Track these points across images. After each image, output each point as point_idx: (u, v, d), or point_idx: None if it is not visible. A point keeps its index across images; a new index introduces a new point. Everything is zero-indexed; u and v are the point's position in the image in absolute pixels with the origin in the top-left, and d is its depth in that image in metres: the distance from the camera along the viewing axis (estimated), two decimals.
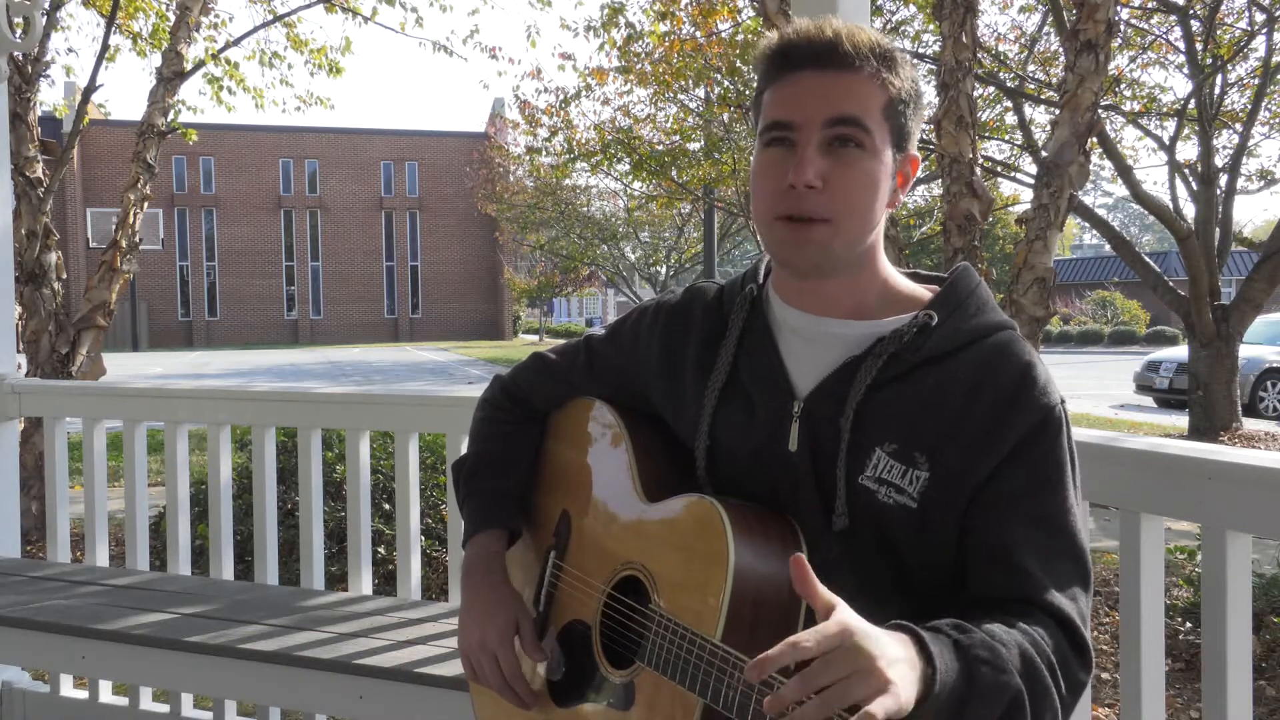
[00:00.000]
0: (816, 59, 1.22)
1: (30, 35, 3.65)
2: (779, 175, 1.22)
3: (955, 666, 1.02)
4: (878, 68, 1.22)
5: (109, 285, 6.19)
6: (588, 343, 1.55)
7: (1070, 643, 1.14)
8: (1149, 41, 12.08)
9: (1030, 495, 1.18)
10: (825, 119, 1.20)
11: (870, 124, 1.21)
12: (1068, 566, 1.17)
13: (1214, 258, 11.31)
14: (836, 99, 1.21)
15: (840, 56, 1.21)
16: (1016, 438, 1.19)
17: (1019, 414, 1.19)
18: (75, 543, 4.73)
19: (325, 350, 36.39)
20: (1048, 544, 1.17)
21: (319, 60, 8.18)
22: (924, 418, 1.20)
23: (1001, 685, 1.04)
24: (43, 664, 3.01)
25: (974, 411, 1.20)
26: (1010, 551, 1.16)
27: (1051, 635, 1.13)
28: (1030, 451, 1.19)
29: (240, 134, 41.92)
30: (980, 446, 1.19)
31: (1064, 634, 1.14)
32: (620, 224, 28.83)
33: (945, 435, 1.20)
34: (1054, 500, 1.19)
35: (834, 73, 1.21)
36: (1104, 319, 36.08)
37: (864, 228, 1.24)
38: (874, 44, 1.23)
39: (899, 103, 1.23)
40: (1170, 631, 4.14)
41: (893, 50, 1.24)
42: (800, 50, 1.23)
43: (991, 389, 1.20)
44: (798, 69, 1.23)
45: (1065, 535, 1.18)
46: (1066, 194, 3.88)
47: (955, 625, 1.07)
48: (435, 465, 4.64)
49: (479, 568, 1.51)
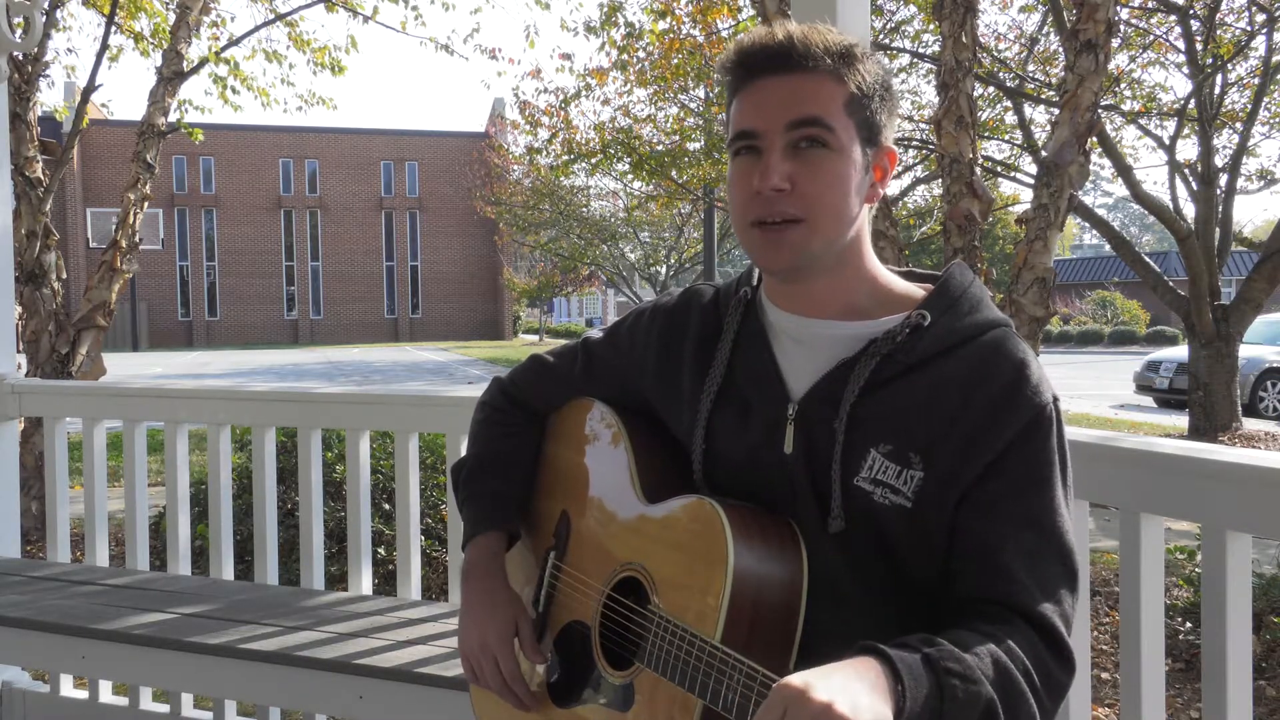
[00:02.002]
0: (772, 64, 1.23)
1: (30, 35, 3.65)
2: (748, 183, 1.23)
3: (926, 680, 1.03)
4: (835, 65, 1.22)
5: (109, 285, 6.19)
6: (585, 344, 1.55)
7: (1050, 647, 1.14)
8: (1149, 41, 12.08)
9: (1020, 494, 1.19)
10: (786, 122, 1.21)
11: (832, 122, 1.21)
12: (1055, 569, 1.18)
13: (1214, 258, 11.31)
14: (796, 102, 1.21)
15: (795, 59, 1.22)
16: (1009, 436, 1.19)
17: (1012, 413, 1.19)
18: (75, 543, 4.73)
19: (325, 350, 36.39)
20: (1035, 545, 1.17)
21: (321, 59, 8.17)
22: (918, 418, 1.21)
23: (973, 695, 1.05)
24: (43, 664, 3.01)
25: (968, 411, 1.20)
26: (997, 551, 1.17)
27: (1030, 641, 1.14)
28: (1021, 450, 1.19)
29: (240, 134, 41.89)
30: (973, 445, 1.19)
31: (1044, 639, 1.15)
32: (620, 224, 28.82)
33: (939, 435, 1.20)
34: (1043, 499, 1.19)
35: (791, 76, 1.22)
36: (1104, 319, 36.08)
37: (839, 225, 1.24)
38: (828, 43, 1.23)
39: (862, 97, 1.24)
40: (1170, 631, 4.14)
41: (851, 47, 1.24)
42: (755, 57, 1.24)
43: (984, 388, 1.21)
44: (756, 76, 1.24)
45: (1054, 536, 1.18)
46: (1066, 194, 3.88)
47: (924, 639, 1.09)
48: (435, 465, 4.64)
49: (479, 569, 1.51)
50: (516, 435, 1.60)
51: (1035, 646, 1.13)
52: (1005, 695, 1.08)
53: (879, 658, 1.04)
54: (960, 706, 1.04)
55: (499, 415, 1.62)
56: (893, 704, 1.00)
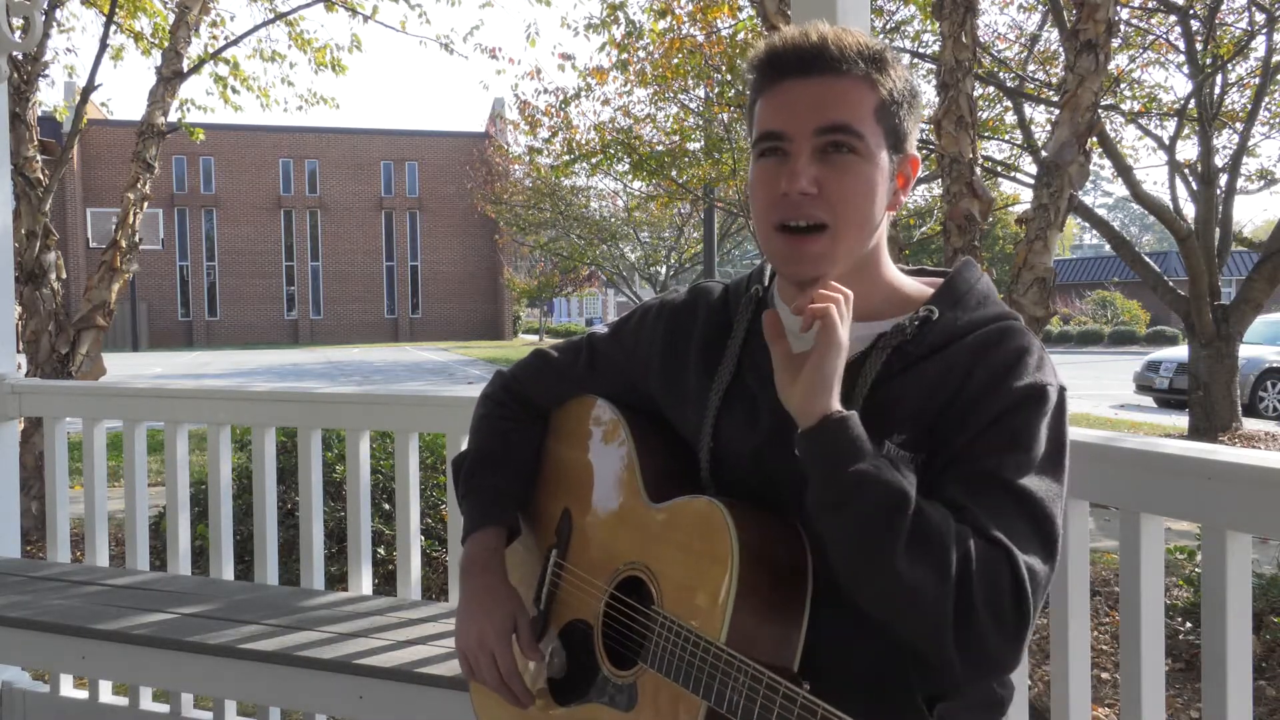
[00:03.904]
0: (804, 65, 1.21)
1: (30, 35, 3.65)
2: (774, 185, 1.22)
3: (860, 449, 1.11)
4: (866, 70, 1.21)
5: (109, 285, 6.18)
6: (590, 341, 1.55)
7: (1010, 575, 1.09)
8: (1149, 41, 12.07)
9: (999, 459, 1.15)
10: (816, 127, 1.20)
11: (862, 129, 1.20)
12: (1021, 526, 1.13)
13: (1214, 258, 11.30)
14: (826, 106, 1.20)
15: (827, 61, 1.20)
16: (1001, 406, 1.17)
17: (1006, 385, 1.18)
18: (75, 543, 4.73)
19: (325, 350, 36.37)
20: (1003, 504, 1.13)
21: (321, 59, 8.17)
22: (928, 403, 1.20)
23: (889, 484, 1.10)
24: (43, 664, 3.01)
25: (967, 387, 1.20)
26: (963, 509, 1.13)
27: (990, 556, 1.09)
28: (1010, 420, 1.17)
29: (240, 134, 41.89)
30: (967, 414, 1.18)
31: (1006, 564, 1.09)
32: (620, 224, 28.80)
33: (940, 413, 1.20)
34: (1023, 467, 1.15)
35: (822, 78, 1.21)
36: (1104, 319, 36.06)
37: (863, 233, 1.24)
38: (861, 46, 1.22)
39: (891, 104, 1.23)
40: (1170, 631, 4.14)
41: (882, 51, 1.23)
42: (787, 58, 1.23)
43: (985, 364, 1.20)
44: (786, 76, 1.23)
45: (1026, 501, 1.14)
46: (1066, 194, 3.88)
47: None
48: (435, 465, 4.64)
49: (477, 565, 1.51)
50: (518, 430, 1.60)
51: (992, 560, 1.09)
52: (919, 525, 1.08)
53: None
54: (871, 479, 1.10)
55: (501, 410, 1.62)
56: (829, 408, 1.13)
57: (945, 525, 1.09)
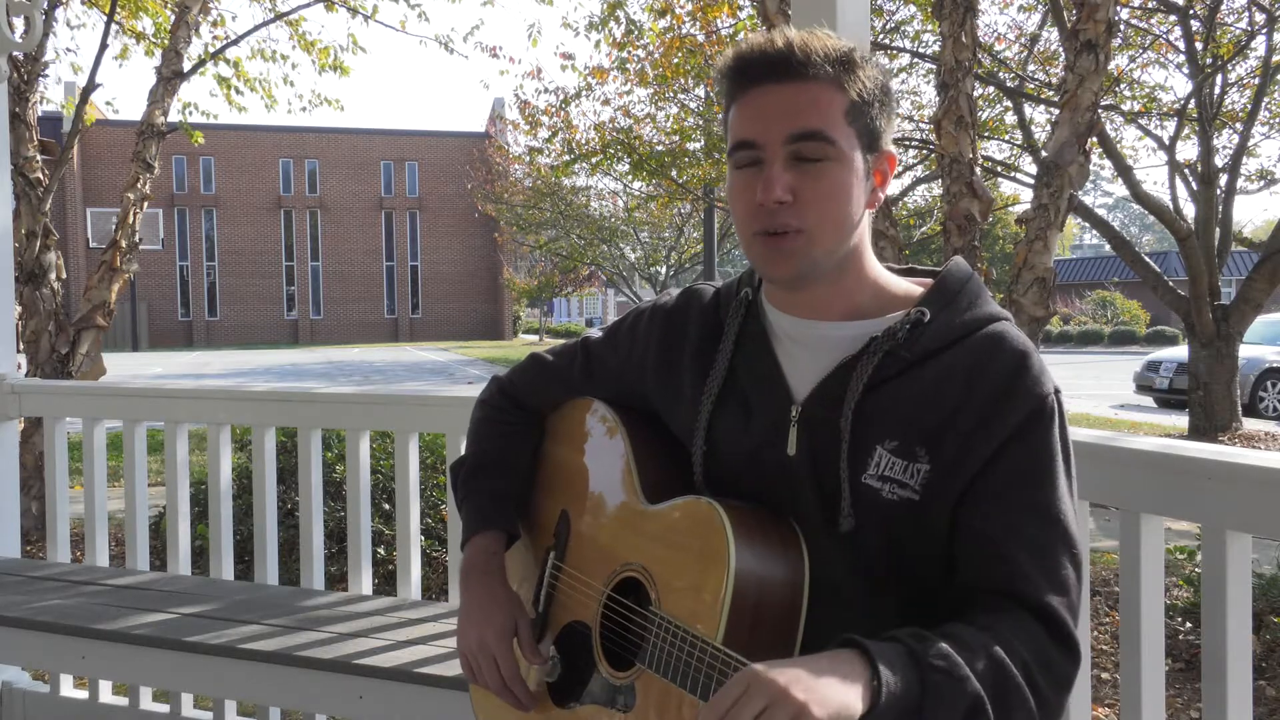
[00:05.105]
0: (772, 72, 1.22)
1: (30, 35, 3.65)
2: (750, 194, 1.23)
3: (910, 674, 1.04)
4: (835, 73, 1.21)
5: (109, 285, 6.19)
6: (585, 344, 1.55)
7: (1055, 637, 1.15)
8: (1149, 41, 12.08)
9: (1023, 484, 1.19)
10: (787, 134, 1.20)
11: (834, 133, 1.21)
12: (1060, 558, 1.18)
13: (1214, 258, 11.31)
14: (796, 112, 1.20)
15: (794, 67, 1.21)
16: (1011, 427, 1.19)
17: (1014, 403, 1.20)
18: (75, 543, 4.73)
19: (325, 350, 36.38)
20: (1039, 534, 1.18)
21: (324, 61, 8.17)
22: (922, 411, 1.21)
23: (957, 691, 1.05)
24: (43, 664, 3.01)
25: (970, 401, 1.20)
26: (1000, 542, 1.17)
27: (1033, 632, 1.14)
28: (1024, 440, 1.20)
29: (240, 134, 41.87)
30: (976, 435, 1.19)
31: (1049, 629, 1.15)
32: (620, 224, 28.80)
33: (943, 426, 1.20)
34: (1046, 489, 1.19)
35: (790, 84, 1.21)
36: (1104, 319, 36.07)
37: (841, 234, 1.24)
38: (828, 49, 1.22)
39: (862, 104, 1.23)
40: (1170, 631, 4.14)
41: (850, 52, 1.23)
42: (754, 65, 1.23)
43: (987, 379, 1.21)
44: (755, 84, 1.23)
45: (1057, 525, 1.18)
46: (1066, 194, 3.88)
47: (914, 634, 1.09)
48: (435, 465, 4.64)
49: (477, 569, 1.51)
50: (515, 434, 1.60)
51: (1038, 638, 1.14)
52: (997, 691, 1.08)
53: (858, 650, 1.05)
54: (943, 702, 1.04)
55: (498, 414, 1.62)
56: (868, 697, 1.01)
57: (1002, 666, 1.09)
